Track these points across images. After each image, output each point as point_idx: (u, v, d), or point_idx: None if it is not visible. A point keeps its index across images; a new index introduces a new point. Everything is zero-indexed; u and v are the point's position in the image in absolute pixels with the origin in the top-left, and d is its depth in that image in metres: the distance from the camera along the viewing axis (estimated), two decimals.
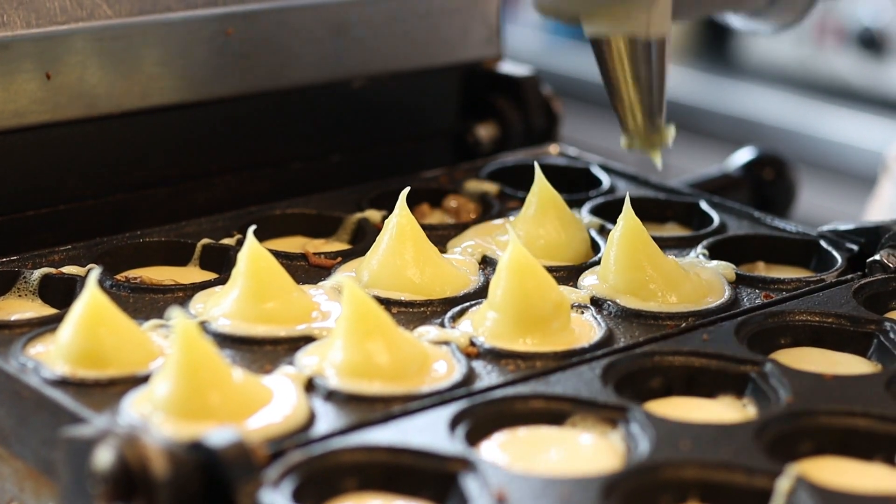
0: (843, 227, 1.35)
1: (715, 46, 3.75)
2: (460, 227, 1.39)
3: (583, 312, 1.20)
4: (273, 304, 1.16)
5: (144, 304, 1.21)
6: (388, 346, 1.08)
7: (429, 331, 1.16)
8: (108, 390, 1.06)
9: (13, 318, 1.18)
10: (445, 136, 1.64)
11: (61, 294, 1.23)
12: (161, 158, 1.45)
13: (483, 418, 1.03)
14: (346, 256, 1.31)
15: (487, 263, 1.30)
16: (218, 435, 0.93)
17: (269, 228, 1.36)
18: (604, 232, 1.37)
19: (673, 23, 1.26)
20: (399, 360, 1.08)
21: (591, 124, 3.59)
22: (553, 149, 1.61)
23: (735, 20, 1.51)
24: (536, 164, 1.34)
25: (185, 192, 1.46)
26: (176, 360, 1.01)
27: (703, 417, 1.06)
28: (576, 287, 1.25)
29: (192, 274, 1.30)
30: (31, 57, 1.32)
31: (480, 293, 1.22)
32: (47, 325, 1.15)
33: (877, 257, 1.29)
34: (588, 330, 1.17)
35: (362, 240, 1.36)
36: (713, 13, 1.50)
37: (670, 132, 1.29)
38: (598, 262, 1.28)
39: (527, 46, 3.82)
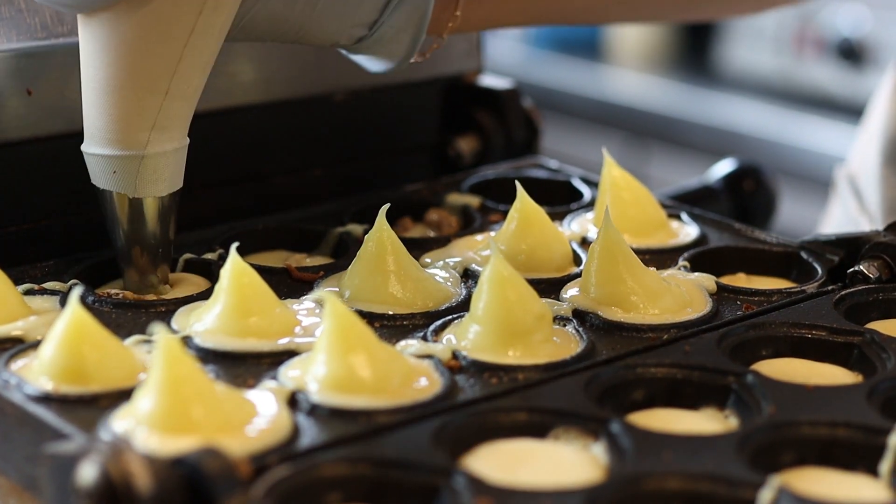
0: (823, 237, 1.35)
1: (694, 57, 3.76)
2: (442, 241, 1.39)
3: (565, 325, 1.21)
4: (256, 319, 1.16)
5: (127, 319, 1.21)
6: (371, 360, 1.08)
7: (411, 344, 1.16)
8: (91, 406, 1.05)
9: None
10: (426, 149, 1.64)
11: None
12: None
13: (466, 431, 1.04)
14: (329, 271, 1.31)
15: (470, 277, 1.30)
16: (201, 450, 0.93)
17: (251, 243, 1.36)
18: (585, 244, 1.37)
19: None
20: (382, 374, 1.08)
21: (572, 136, 3.60)
22: (534, 161, 1.61)
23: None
24: (518, 183, 1.33)
25: None
26: (159, 376, 1.01)
27: (686, 429, 1.06)
28: (558, 299, 1.25)
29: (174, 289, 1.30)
30: (12, 73, 1.32)
31: (463, 306, 1.22)
32: (30, 340, 1.15)
33: (857, 268, 1.29)
34: (570, 342, 1.18)
35: (344, 254, 1.36)
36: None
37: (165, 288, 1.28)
38: (579, 275, 1.28)
39: (507, 59, 3.83)
